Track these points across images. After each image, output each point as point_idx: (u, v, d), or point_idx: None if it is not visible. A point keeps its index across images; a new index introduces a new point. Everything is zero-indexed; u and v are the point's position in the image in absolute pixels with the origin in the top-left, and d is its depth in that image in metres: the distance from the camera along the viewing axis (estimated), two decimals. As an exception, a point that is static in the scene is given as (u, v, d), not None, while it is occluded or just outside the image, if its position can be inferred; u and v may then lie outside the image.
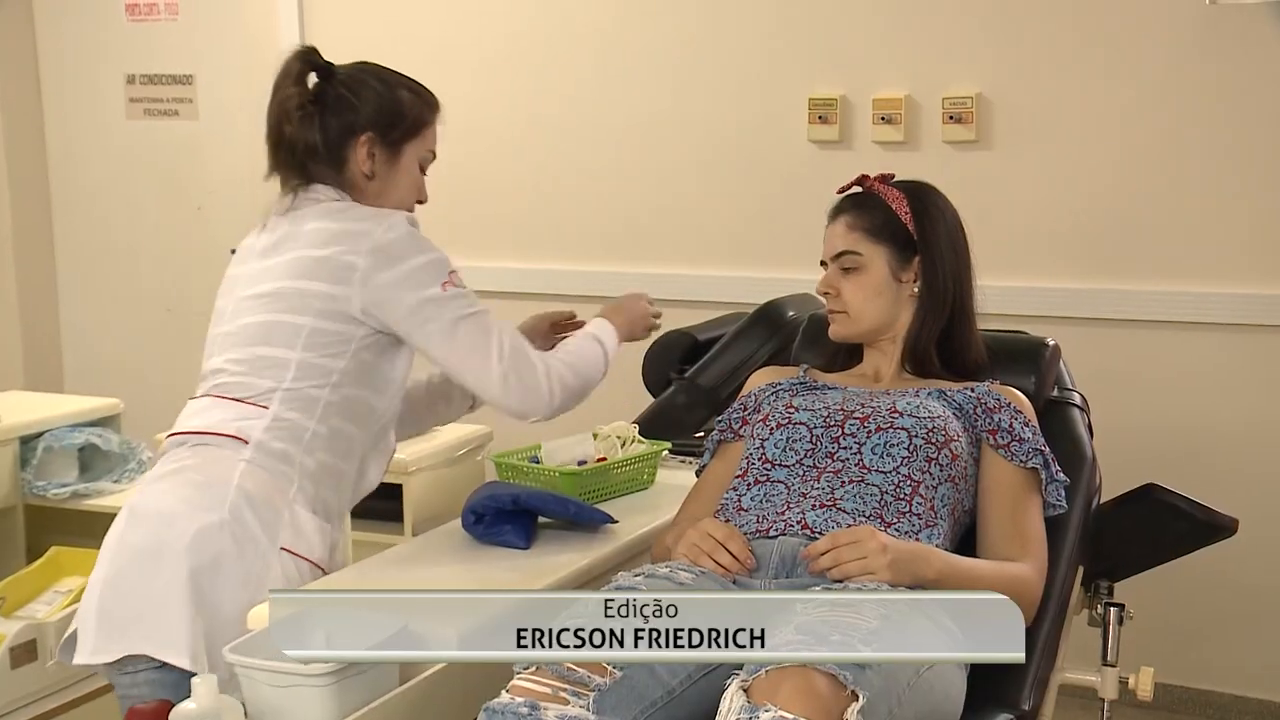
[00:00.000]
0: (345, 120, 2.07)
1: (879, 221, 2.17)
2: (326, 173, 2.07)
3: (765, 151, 3.83)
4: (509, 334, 2.08)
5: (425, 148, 2.17)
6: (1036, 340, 2.34)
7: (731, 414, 2.21)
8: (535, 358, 2.08)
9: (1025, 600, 1.90)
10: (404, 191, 2.15)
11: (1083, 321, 3.50)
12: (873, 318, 2.15)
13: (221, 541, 1.93)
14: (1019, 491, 2.00)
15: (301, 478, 1.99)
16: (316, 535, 2.02)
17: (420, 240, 2.06)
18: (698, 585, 1.77)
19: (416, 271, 2.01)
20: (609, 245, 4.07)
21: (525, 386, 2.05)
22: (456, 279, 2.06)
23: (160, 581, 1.91)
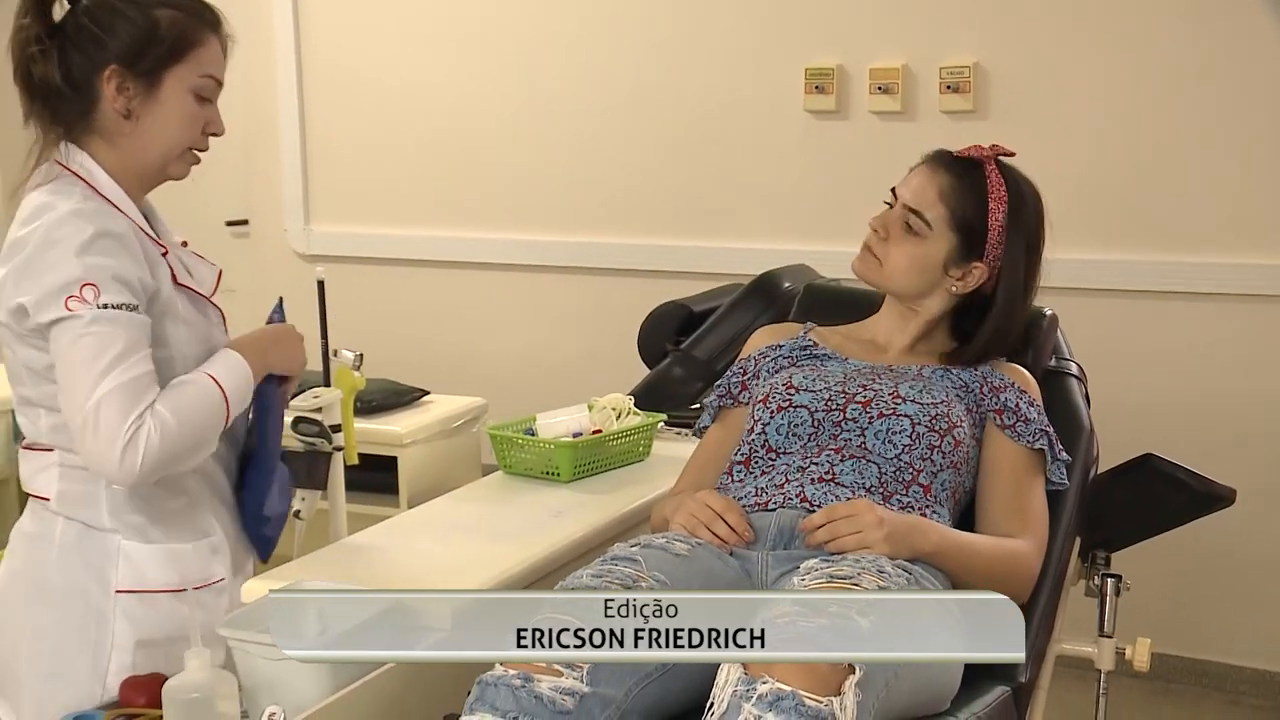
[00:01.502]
0: (89, 54, 1.77)
1: (968, 211, 2.05)
2: (76, 118, 1.80)
3: (761, 122, 3.81)
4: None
5: (198, 73, 1.81)
6: (1034, 310, 2.32)
7: (731, 378, 2.18)
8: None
9: (1022, 576, 1.90)
10: (174, 129, 1.81)
11: (1080, 292, 3.48)
12: (901, 284, 2.07)
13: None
14: (1023, 471, 1.99)
15: (112, 510, 1.81)
16: (161, 562, 1.83)
17: (62, 249, 1.71)
18: (694, 556, 1.76)
19: (47, 287, 1.70)
20: (603, 217, 4.05)
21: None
22: (91, 294, 1.70)
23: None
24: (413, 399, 3.24)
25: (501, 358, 4.20)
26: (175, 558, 1.85)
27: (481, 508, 2.19)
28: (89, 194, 1.78)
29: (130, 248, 1.75)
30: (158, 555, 1.84)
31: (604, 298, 4.04)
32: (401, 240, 4.33)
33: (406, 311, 4.32)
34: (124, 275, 1.72)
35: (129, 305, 1.71)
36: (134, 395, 1.68)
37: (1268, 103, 3.30)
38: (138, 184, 1.85)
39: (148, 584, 1.82)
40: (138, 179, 1.84)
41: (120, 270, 1.72)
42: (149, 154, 1.82)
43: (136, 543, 1.83)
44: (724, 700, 1.43)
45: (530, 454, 2.33)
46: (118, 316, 1.70)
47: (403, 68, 4.23)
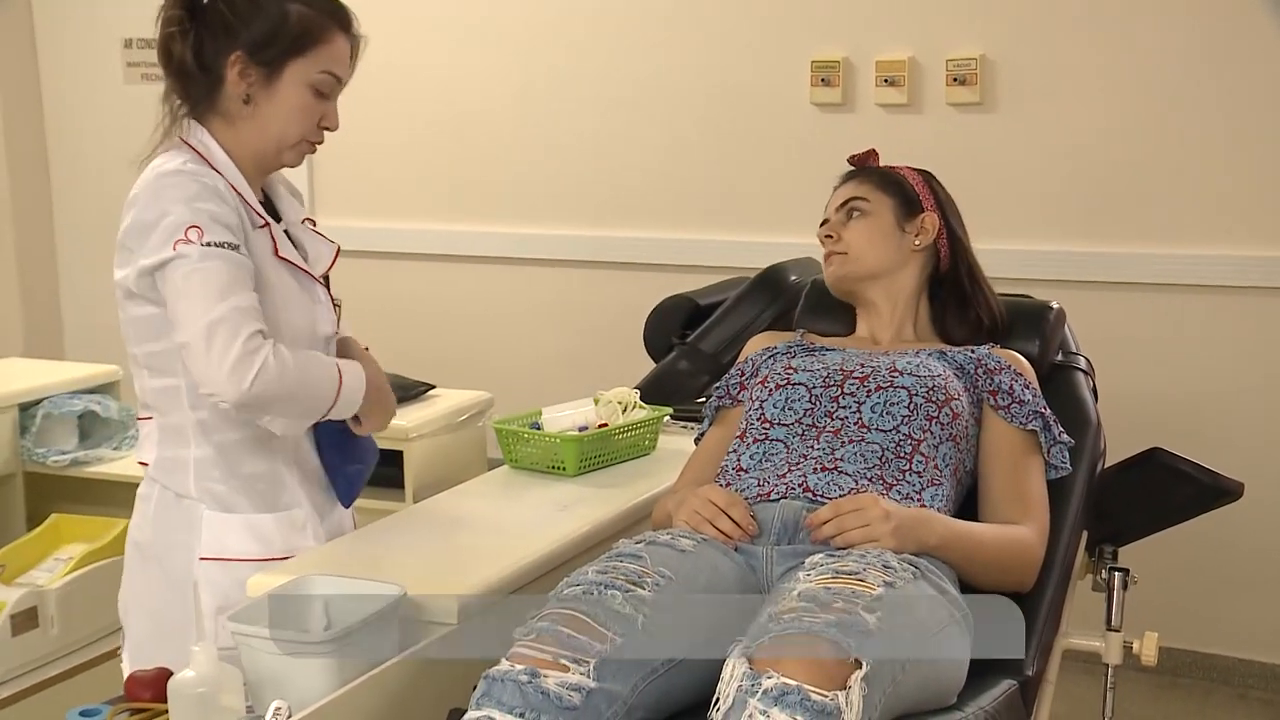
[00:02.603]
0: (219, 39, 1.87)
1: (889, 180, 2.22)
2: (202, 98, 1.91)
3: (767, 115, 3.80)
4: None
5: (318, 68, 1.90)
6: (1041, 304, 2.32)
7: (729, 380, 2.21)
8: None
9: (1027, 563, 1.90)
10: (288, 119, 1.90)
11: (1088, 285, 3.48)
12: (873, 260, 2.15)
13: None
14: (1019, 454, 1.99)
15: (199, 478, 1.92)
16: (241, 532, 1.93)
17: (170, 195, 1.82)
18: (699, 552, 1.76)
19: (156, 232, 1.82)
20: (609, 210, 4.05)
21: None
22: (196, 235, 1.79)
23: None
24: (418, 393, 3.24)
25: (507, 352, 4.20)
26: (256, 529, 1.94)
27: (487, 502, 2.18)
28: (197, 161, 1.88)
29: (228, 201, 1.85)
30: (238, 525, 1.93)
31: (610, 291, 4.04)
32: (407, 234, 4.33)
33: (412, 305, 4.32)
34: (224, 219, 1.83)
35: (231, 244, 1.81)
36: (245, 320, 1.77)
37: (1277, 94, 3.29)
38: (254, 165, 1.95)
39: (229, 552, 1.91)
40: (254, 161, 1.94)
41: (220, 215, 1.82)
42: (263, 139, 1.92)
43: (218, 512, 1.93)
44: (729, 695, 1.42)
45: (536, 448, 2.33)
46: (224, 254, 1.79)
47: (409, 60, 4.23)
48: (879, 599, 1.53)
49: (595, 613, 1.55)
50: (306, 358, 1.85)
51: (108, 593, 2.70)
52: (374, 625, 1.62)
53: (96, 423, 3.28)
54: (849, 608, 1.49)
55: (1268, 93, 3.29)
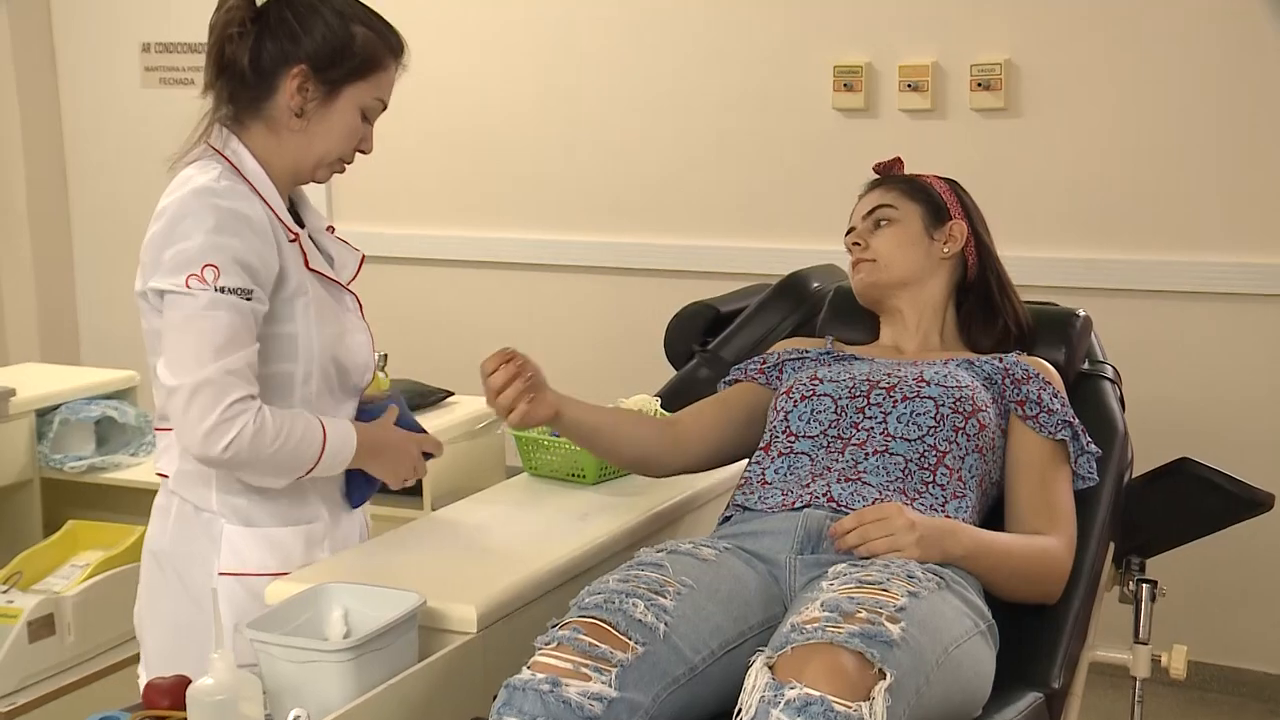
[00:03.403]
0: (282, 47, 1.87)
1: (916, 188, 2.22)
2: (248, 103, 1.90)
3: (789, 120, 3.81)
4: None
5: (373, 94, 1.94)
6: (1067, 312, 2.32)
7: (749, 363, 2.24)
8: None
9: (1054, 575, 1.90)
10: (335, 139, 1.93)
11: (1115, 293, 3.47)
12: (902, 267, 2.16)
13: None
14: (1047, 464, 1.99)
15: (220, 491, 1.93)
16: (261, 546, 1.93)
17: (193, 222, 1.80)
18: (721, 561, 1.76)
19: (172, 256, 1.81)
20: (629, 216, 4.05)
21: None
22: (211, 275, 1.79)
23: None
24: (436, 400, 3.25)
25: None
26: (276, 543, 1.95)
27: (506, 510, 2.19)
28: (230, 173, 1.87)
29: (259, 230, 1.85)
30: (258, 539, 1.94)
31: (630, 298, 4.05)
32: (425, 240, 4.34)
33: (431, 312, 4.33)
34: (246, 258, 1.82)
35: (245, 291, 1.81)
36: (232, 385, 1.78)
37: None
38: (288, 177, 1.96)
39: (247, 567, 1.92)
40: (289, 173, 1.95)
41: (243, 253, 1.81)
42: (306, 154, 1.93)
43: (238, 526, 1.93)
44: (752, 705, 1.43)
45: (555, 456, 2.33)
46: (233, 303, 1.80)
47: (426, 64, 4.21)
48: (903, 609, 1.53)
49: (617, 621, 1.56)
50: (292, 420, 1.85)
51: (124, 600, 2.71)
52: (393, 633, 1.63)
53: (114, 428, 3.29)
54: (873, 617, 1.49)
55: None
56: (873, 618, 1.49)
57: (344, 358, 1.98)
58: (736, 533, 1.89)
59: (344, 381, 2.01)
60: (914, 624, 1.52)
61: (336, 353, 1.96)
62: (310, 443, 1.87)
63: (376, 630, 1.60)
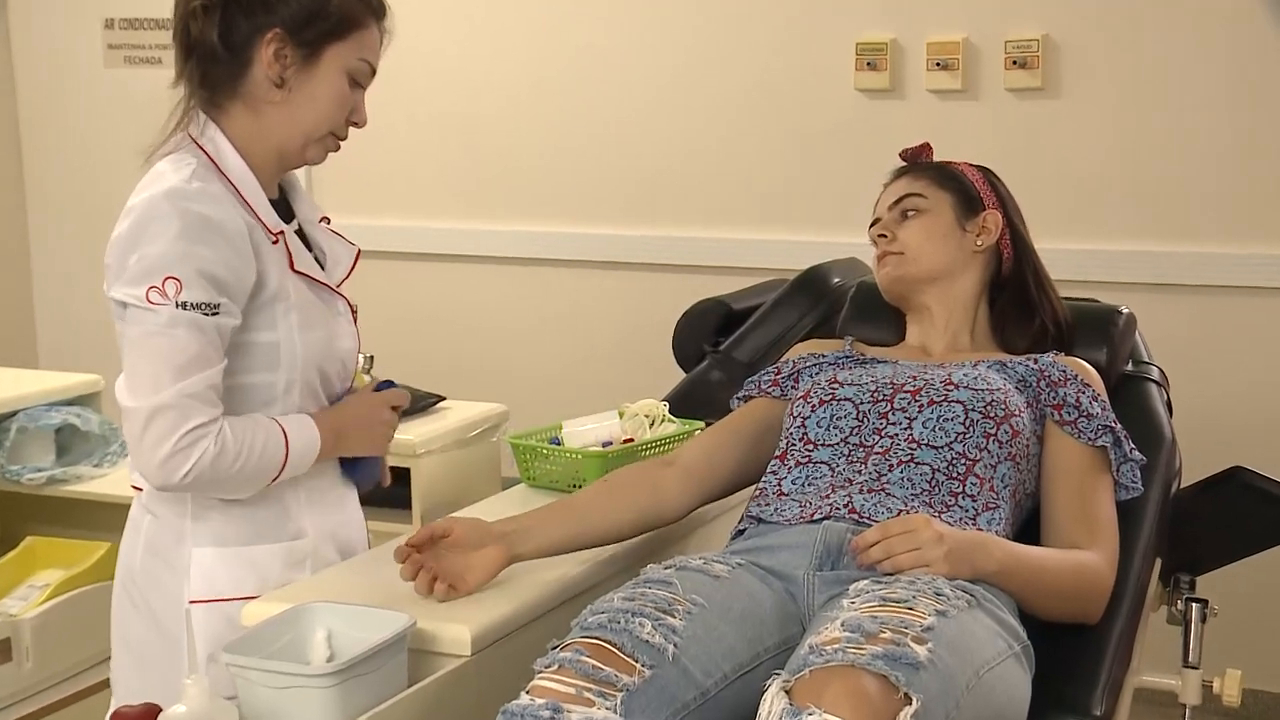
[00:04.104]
0: (254, 18, 1.88)
1: (946, 173, 2.24)
2: (224, 82, 1.91)
3: (808, 102, 3.82)
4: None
5: (356, 55, 1.93)
6: (1109, 308, 2.33)
7: (763, 375, 2.24)
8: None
9: (1095, 592, 1.91)
10: (322, 108, 1.93)
11: (1161, 288, 3.48)
12: (931, 260, 2.17)
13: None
14: (1087, 473, 2.00)
15: (196, 507, 1.94)
16: (236, 567, 1.95)
17: (159, 226, 1.81)
18: (734, 578, 1.78)
19: (133, 264, 1.83)
20: (635, 207, 4.07)
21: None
22: (173, 289, 1.81)
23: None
24: (427, 405, 3.26)
25: (524, 360, 4.22)
26: (253, 562, 1.96)
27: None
28: (206, 171, 1.88)
29: (232, 237, 1.85)
30: (230, 560, 1.95)
31: (636, 295, 4.06)
32: (415, 233, 4.35)
33: (421, 310, 4.34)
34: (213, 270, 1.82)
35: (208, 306, 1.82)
36: (191, 410, 1.80)
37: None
38: (275, 161, 1.96)
39: (220, 592, 1.93)
40: (276, 155, 1.96)
41: (210, 263, 1.82)
42: (292, 129, 1.94)
43: (209, 547, 1.94)
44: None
45: (555, 465, 2.35)
46: (194, 320, 1.81)
47: (415, 45, 4.26)
48: (930, 629, 1.54)
49: (622, 642, 1.57)
50: (252, 432, 1.87)
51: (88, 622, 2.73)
52: (381, 656, 1.64)
53: (75, 437, 3.31)
54: (897, 638, 1.50)
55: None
56: (898, 638, 1.50)
57: (328, 366, 2.00)
58: (751, 547, 1.90)
59: (327, 391, 2.02)
60: (942, 645, 1.53)
61: (321, 361, 1.98)
62: (273, 451, 1.89)
63: (363, 653, 1.61)
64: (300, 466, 1.95)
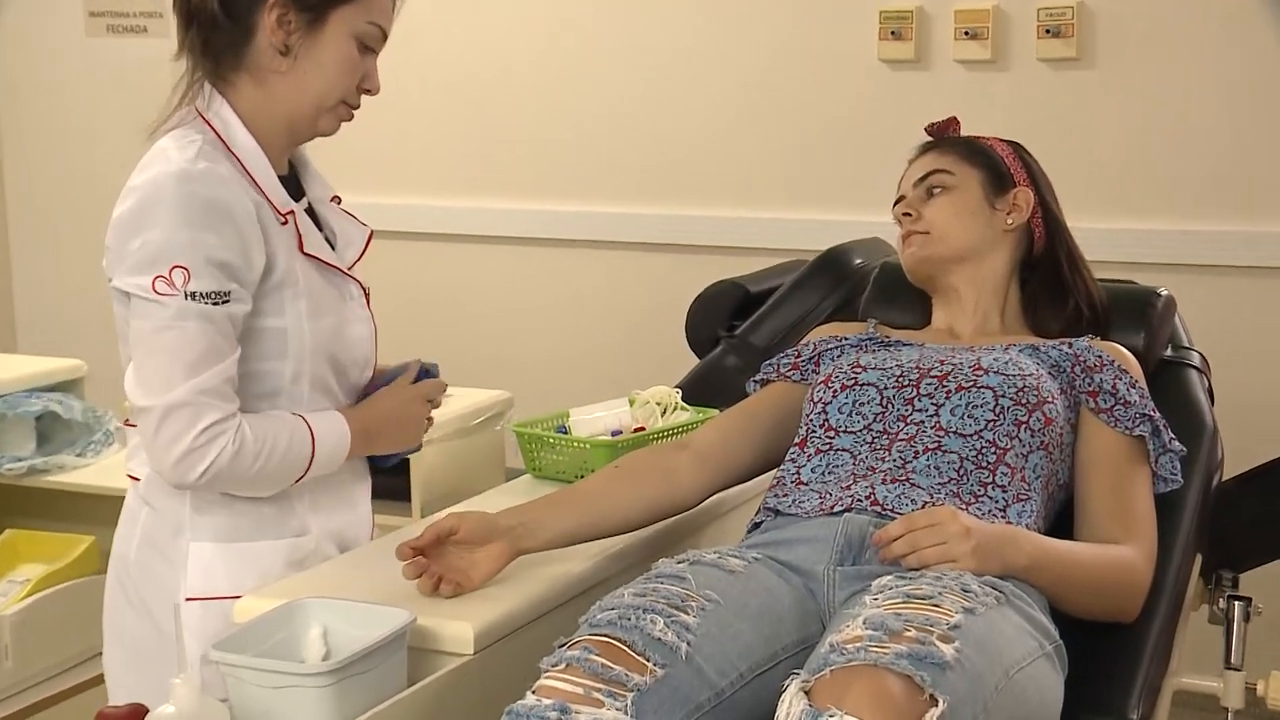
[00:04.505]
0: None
1: (974, 148, 2.25)
2: (226, 52, 1.91)
3: (829, 74, 3.81)
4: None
5: (365, 18, 1.94)
6: (1147, 290, 2.33)
7: (781, 358, 2.25)
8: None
9: (1130, 589, 1.91)
10: (331, 75, 1.93)
11: (1202, 269, 3.48)
12: (959, 240, 2.18)
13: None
14: (1123, 463, 2.01)
15: (196, 499, 1.95)
16: (235, 564, 1.96)
17: (164, 210, 1.82)
18: (750, 573, 1.78)
19: (137, 250, 1.84)
20: (646, 185, 4.07)
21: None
22: (180, 278, 1.82)
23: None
24: (426, 393, 3.26)
25: (529, 345, 4.23)
26: (252, 559, 1.96)
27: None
28: (212, 149, 1.88)
29: (240, 220, 1.86)
30: (231, 556, 1.96)
31: (647, 276, 4.06)
32: (415, 211, 4.35)
33: (421, 292, 4.34)
34: (222, 256, 1.83)
35: (218, 295, 1.83)
36: (207, 406, 1.82)
37: None
38: (285, 134, 1.97)
39: (218, 589, 1.94)
40: (286, 128, 1.96)
41: (218, 249, 1.83)
42: (301, 99, 1.94)
43: (208, 542, 1.95)
44: (787, 734, 1.45)
45: (563, 455, 2.35)
46: (204, 311, 1.82)
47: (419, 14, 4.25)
48: (957, 627, 1.55)
49: (633, 640, 1.58)
50: (275, 431, 1.89)
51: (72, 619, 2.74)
52: (379, 655, 1.64)
53: (57, 425, 3.31)
54: (923, 637, 1.51)
55: None
56: (923, 637, 1.51)
57: (340, 354, 2.01)
58: (768, 541, 1.91)
59: (341, 381, 2.03)
60: (970, 644, 1.54)
61: (332, 349, 1.99)
62: (297, 451, 1.91)
63: (360, 651, 1.62)
64: (327, 466, 1.96)
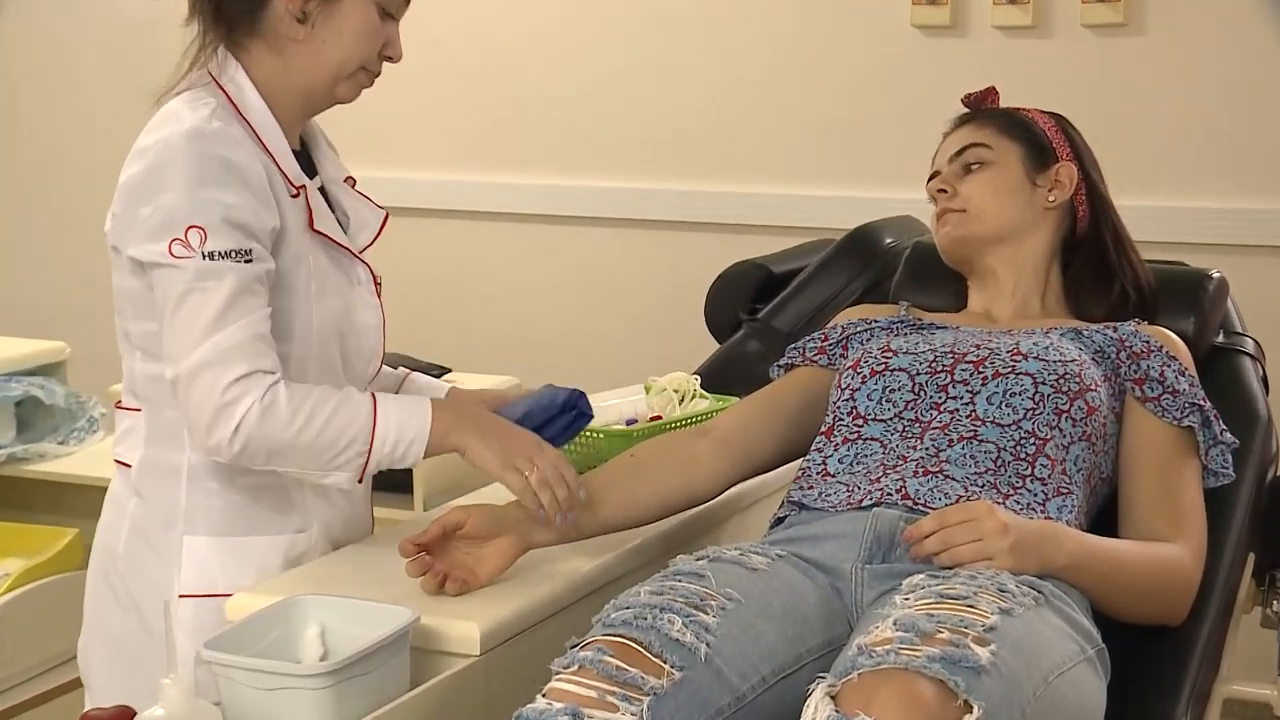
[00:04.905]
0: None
1: (1014, 121, 2.24)
2: (241, 18, 1.93)
3: (858, 40, 3.81)
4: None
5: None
6: (1198, 273, 2.33)
7: (807, 341, 2.25)
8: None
9: (1178, 589, 1.92)
10: (350, 42, 1.95)
11: (1257, 250, 3.47)
12: (997, 219, 2.18)
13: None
14: (1171, 456, 2.01)
15: (191, 489, 1.96)
16: (231, 559, 1.96)
17: (176, 171, 1.84)
18: (773, 571, 1.79)
19: (151, 216, 1.86)
20: (663, 158, 4.06)
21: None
22: (197, 238, 1.83)
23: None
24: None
25: (538, 328, 4.22)
26: (249, 555, 1.96)
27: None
28: (224, 111, 1.90)
29: (251, 182, 1.87)
30: (227, 551, 1.96)
31: (665, 256, 4.06)
32: (415, 185, 4.34)
33: (423, 272, 4.34)
34: (236, 216, 1.85)
35: (238, 253, 1.84)
36: (233, 360, 1.81)
37: None
38: (301, 103, 1.99)
39: (214, 586, 1.94)
40: (302, 97, 1.98)
41: (232, 210, 1.84)
42: (319, 68, 1.96)
43: (204, 536, 1.95)
44: (811, 741, 1.45)
45: (574, 446, 2.35)
46: (225, 269, 1.83)
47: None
48: (993, 629, 1.55)
49: (650, 641, 1.59)
50: (319, 394, 1.86)
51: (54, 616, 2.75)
52: (380, 655, 1.65)
53: (38, 411, 3.32)
54: (956, 639, 1.51)
55: None
56: (957, 639, 1.51)
57: (348, 340, 2.01)
58: (792, 537, 1.91)
59: (348, 369, 2.03)
60: (1006, 647, 1.54)
61: (339, 335, 1.99)
62: (351, 421, 1.86)
63: (360, 651, 1.62)
64: (398, 449, 1.89)
